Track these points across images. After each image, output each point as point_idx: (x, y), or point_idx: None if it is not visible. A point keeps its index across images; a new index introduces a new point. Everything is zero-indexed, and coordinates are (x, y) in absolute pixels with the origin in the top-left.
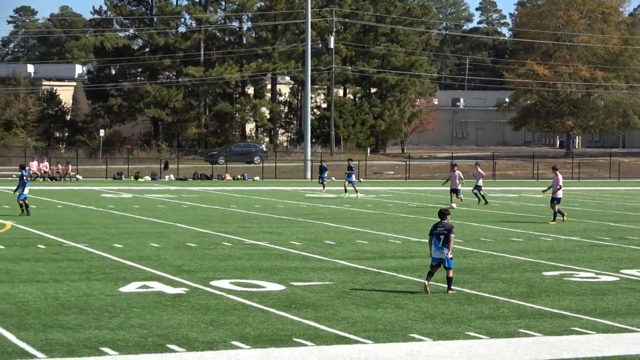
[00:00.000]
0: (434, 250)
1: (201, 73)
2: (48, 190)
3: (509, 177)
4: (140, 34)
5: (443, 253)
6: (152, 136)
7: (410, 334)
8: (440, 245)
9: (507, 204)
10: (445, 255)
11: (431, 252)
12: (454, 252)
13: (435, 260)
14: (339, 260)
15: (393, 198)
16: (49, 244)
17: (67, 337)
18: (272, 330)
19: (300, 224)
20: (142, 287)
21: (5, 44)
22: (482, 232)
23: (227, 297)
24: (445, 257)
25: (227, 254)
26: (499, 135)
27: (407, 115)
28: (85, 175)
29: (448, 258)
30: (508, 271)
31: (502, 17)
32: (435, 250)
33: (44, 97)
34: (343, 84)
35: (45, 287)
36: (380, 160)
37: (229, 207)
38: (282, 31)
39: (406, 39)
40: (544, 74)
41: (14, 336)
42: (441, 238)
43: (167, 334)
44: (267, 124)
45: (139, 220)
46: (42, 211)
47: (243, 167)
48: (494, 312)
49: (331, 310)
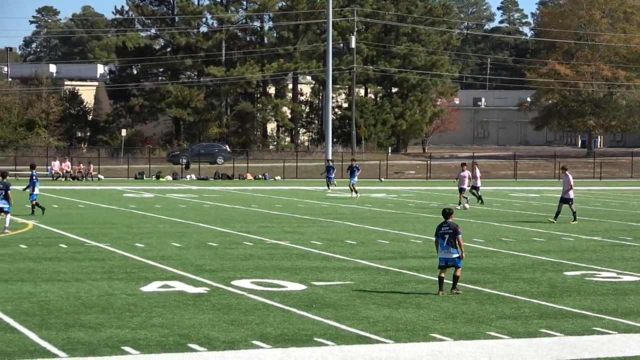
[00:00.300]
0: (440, 251)
1: (222, 73)
2: (70, 189)
3: (530, 177)
4: (161, 34)
5: (449, 253)
6: (173, 136)
7: (431, 333)
8: (445, 245)
9: (529, 203)
10: (453, 255)
11: (439, 254)
12: (476, 252)
13: (442, 261)
14: (360, 260)
15: (414, 198)
16: (71, 244)
17: (89, 336)
18: (293, 330)
19: (321, 224)
20: (164, 286)
21: (27, 44)
22: (504, 232)
23: (248, 296)
24: (453, 257)
25: (249, 253)
26: (520, 135)
27: (428, 114)
28: (107, 174)
29: (459, 259)
30: (529, 271)
31: (523, 17)
32: (441, 250)
33: (66, 97)
34: (364, 84)
35: (67, 286)
36: (402, 160)
37: (250, 206)
38: (304, 31)
39: (427, 38)
40: (566, 73)
41: (36, 335)
42: (446, 238)
43: (188, 333)
44: (289, 123)
45: (161, 220)
46: (64, 211)
47: (207, 167)
48: (515, 312)
49: (352, 310)
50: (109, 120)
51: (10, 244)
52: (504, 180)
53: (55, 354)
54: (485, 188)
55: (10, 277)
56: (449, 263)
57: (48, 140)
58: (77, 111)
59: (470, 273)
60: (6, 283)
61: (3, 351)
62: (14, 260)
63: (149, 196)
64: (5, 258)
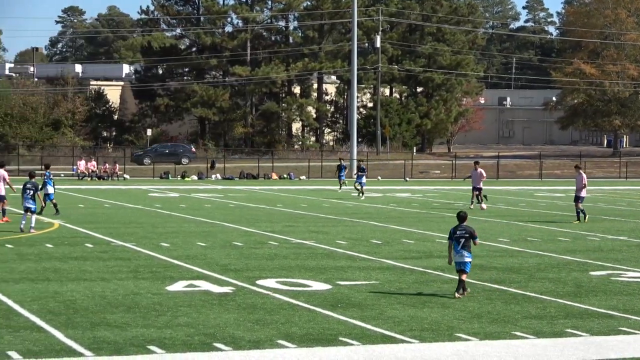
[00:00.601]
0: (454, 255)
1: (248, 72)
2: (96, 189)
3: (555, 177)
4: (187, 34)
5: (463, 256)
6: (198, 135)
7: (457, 333)
8: (459, 249)
9: (554, 203)
10: (466, 259)
11: (451, 257)
12: (501, 252)
13: (458, 265)
14: (385, 260)
15: (439, 197)
16: (96, 243)
17: (115, 335)
18: (318, 330)
19: (346, 223)
20: (189, 286)
21: (53, 44)
22: (529, 232)
23: (273, 296)
24: (465, 262)
25: (274, 253)
26: (545, 135)
27: (453, 114)
28: (133, 174)
29: (468, 262)
30: (555, 271)
31: (549, 16)
32: (456, 254)
33: (92, 97)
34: (389, 83)
35: (92, 285)
36: (427, 160)
37: (275, 206)
38: (329, 30)
39: (452, 37)
40: (591, 72)
41: (62, 334)
42: (461, 242)
43: (214, 332)
44: (314, 123)
45: (186, 220)
46: (90, 210)
47: (169, 167)
48: (540, 312)
49: (377, 310)
50: (135, 120)
51: (36, 243)
52: (529, 180)
53: (81, 353)
54: (511, 188)
55: (37, 277)
56: (461, 267)
57: (74, 140)
58: (102, 111)
59: (496, 273)
60: (32, 282)
61: (30, 350)
62: (40, 260)
63: (174, 196)
64: (32, 257)
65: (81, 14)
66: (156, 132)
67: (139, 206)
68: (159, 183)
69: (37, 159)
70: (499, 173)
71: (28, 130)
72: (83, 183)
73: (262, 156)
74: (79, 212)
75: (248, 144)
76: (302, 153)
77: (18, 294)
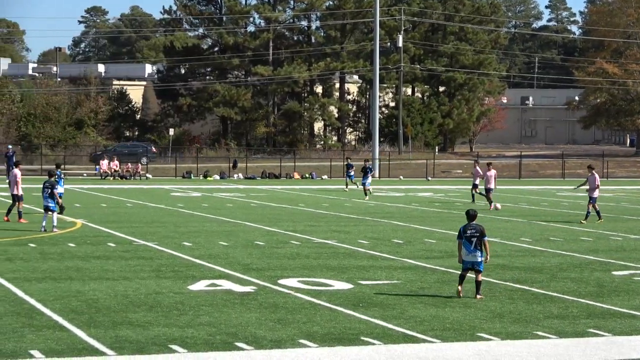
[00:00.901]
0: (465, 254)
1: (270, 72)
2: (118, 188)
3: (578, 176)
4: (209, 34)
5: (476, 256)
6: (221, 135)
7: (478, 333)
8: (472, 249)
9: (577, 203)
10: (479, 259)
11: (461, 255)
12: (523, 252)
13: (468, 264)
14: (407, 259)
15: (461, 197)
16: (119, 242)
17: (137, 334)
18: (339, 329)
19: (368, 223)
20: (211, 285)
21: (76, 44)
22: (551, 231)
23: (295, 295)
24: (479, 261)
25: (296, 252)
26: (568, 134)
27: (475, 113)
28: (155, 174)
29: (483, 262)
30: (577, 270)
31: (571, 15)
32: (468, 253)
33: (114, 97)
34: (411, 83)
35: (115, 284)
36: (449, 159)
37: (297, 205)
38: (351, 30)
39: (475, 37)
40: (614, 72)
41: (85, 333)
42: (473, 241)
43: (236, 332)
44: (336, 122)
45: (208, 219)
46: (113, 209)
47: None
48: (562, 312)
49: (399, 309)
50: (157, 119)
51: (59, 242)
52: (551, 179)
53: (103, 352)
54: (533, 187)
55: (59, 276)
56: (475, 267)
57: (96, 140)
58: (125, 110)
59: (518, 272)
60: (55, 281)
61: (52, 349)
62: (62, 259)
63: (197, 195)
64: (54, 256)
65: (104, 14)
66: (178, 132)
67: (161, 205)
68: (181, 182)
69: (59, 159)
70: (522, 172)
71: (51, 130)
72: (105, 182)
73: (284, 156)
74: (102, 211)
75: (270, 144)
76: (324, 153)
77: (41, 293)
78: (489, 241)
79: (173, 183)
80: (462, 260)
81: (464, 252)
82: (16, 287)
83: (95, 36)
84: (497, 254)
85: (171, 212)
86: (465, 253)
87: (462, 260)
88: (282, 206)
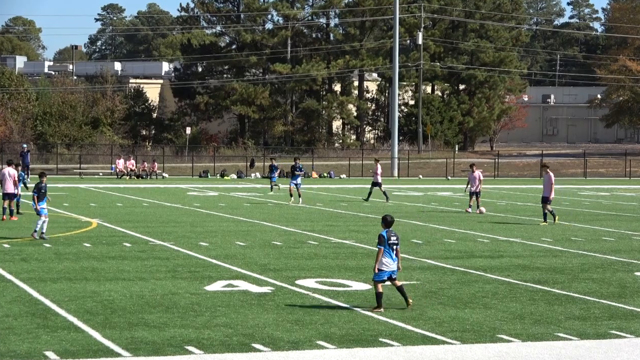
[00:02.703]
0: (390, 263)
1: (288, 70)
2: (134, 188)
3: (600, 175)
4: (227, 31)
5: (395, 264)
6: (238, 134)
7: (499, 334)
8: (395, 257)
9: (599, 202)
10: (396, 267)
11: (387, 266)
12: (544, 252)
13: (388, 274)
14: (426, 259)
15: (481, 196)
16: (134, 242)
17: (152, 335)
18: (357, 330)
19: None
20: (228, 285)
21: (93, 41)
22: (573, 231)
23: (312, 296)
24: (396, 270)
25: (313, 252)
26: (590, 133)
27: (496, 112)
28: (172, 173)
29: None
30: (599, 271)
31: (594, 12)
32: (393, 262)
33: (131, 95)
34: (431, 81)
35: (130, 285)
36: (469, 158)
37: (315, 205)
38: (370, 27)
39: (496, 34)
40: (638, 69)
41: (100, 334)
42: (394, 248)
43: (252, 333)
44: (354, 121)
45: (225, 219)
46: (129, 209)
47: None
48: (584, 313)
49: (418, 310)
50: (174, 118)
51: (74, 242)
52: (573, 178)
53: (118, 353)
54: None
55: (75, 276)
56: (393, 276)
57: (113, 139)
58: (141, 109)
59: (539, 273)
60: (70, 282)
61: (67, 350)
62: (78, 259)
63: (213, 194)
64: (70, 257)
65: (121, 12)
66: (195, 131)
67: (177, 205)
68: (197, 182)
69: (75, 158)
70: (543, 172)
71: (67, 129)
72: (122, 182)
73: (302, 154)
74: (117, 211)
75: (288, 142)
76: (342, 151)
77: (56, 293)
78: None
79: (190, 182)
80: (378, 270)
81: (388, 260)
82: (31, 287)
83: (112, 34)
84: (517, 255)
85: (188, 211)
86: (389, 261)
87: (380, 270)
88: (299, 205)
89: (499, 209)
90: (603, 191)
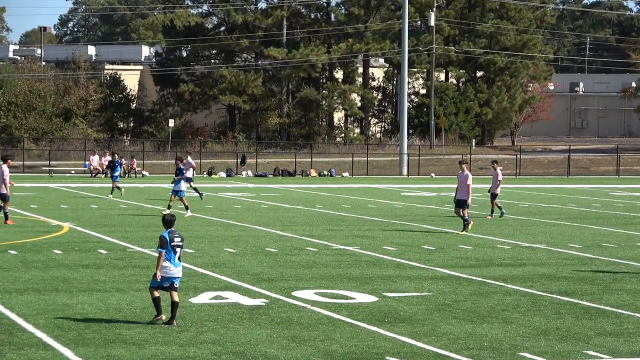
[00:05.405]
0: (171, 268)
1: (283, 55)
2: (110, 187)
3: (635, 174)
4: (215, 11)
5: (179, 270)
6: (227, 127)
7: (520, 352)
8: (177, 261)
9: (633, 203)
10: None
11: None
12: (572, 259)
13: (170, 281)
14: (439, 268)
15: (501, 197)
16: (111, 249)
17: (131, 353)
18: (362, 347)
19: (394, 227)
20: (216, 297)
21: (63, 23)
22: (604, 237)
23: (311, 309)
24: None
25: (312, 260)
26: (623, 125)
27: (518, 102)
28: (152, 170)
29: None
30: (633, 281)
31: None
32: (175, 267)
33: (107, 83)
34: (445, 67)
35: (107, 297)
36: (487, 154)
37: (314, 207)
38: (376, 7)
39: (518, 15)
40: None
41: (72, 352)
42: (178, 251)
43: (244, 350)
44: (358, 112)
45: (213, 222)
46: (104, 212)
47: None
48: (617, 328)
49: (429, 325)
50: (155, 109)
51: (43, 249)
52: (604, 177)
53: None
54: (584, 186)
55: (44, 287)
56: (175, 283)
57: (86, 132)
58: (118, 99)
59: (566, 283)
60: (39, 293)
61: None
62: (47, 268)
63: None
64: (39, 265)
65: None
66: (179, 123)
67: (159, 207)
68: None
69: (44, 154)
70: (570, 169)
71: (35, 121)
72: (96, 181)
73: (299, 150)
74: (92, 213)
75: (283, 137)
76: (344, 147)
77: (22, 306)
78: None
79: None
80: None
81: (169, 265)
82: None
83: (85, 14)
84: (542, 262)
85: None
86: (171, 267)
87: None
88: (297, 208)
89: (521, 211)
90: (638, 191)
